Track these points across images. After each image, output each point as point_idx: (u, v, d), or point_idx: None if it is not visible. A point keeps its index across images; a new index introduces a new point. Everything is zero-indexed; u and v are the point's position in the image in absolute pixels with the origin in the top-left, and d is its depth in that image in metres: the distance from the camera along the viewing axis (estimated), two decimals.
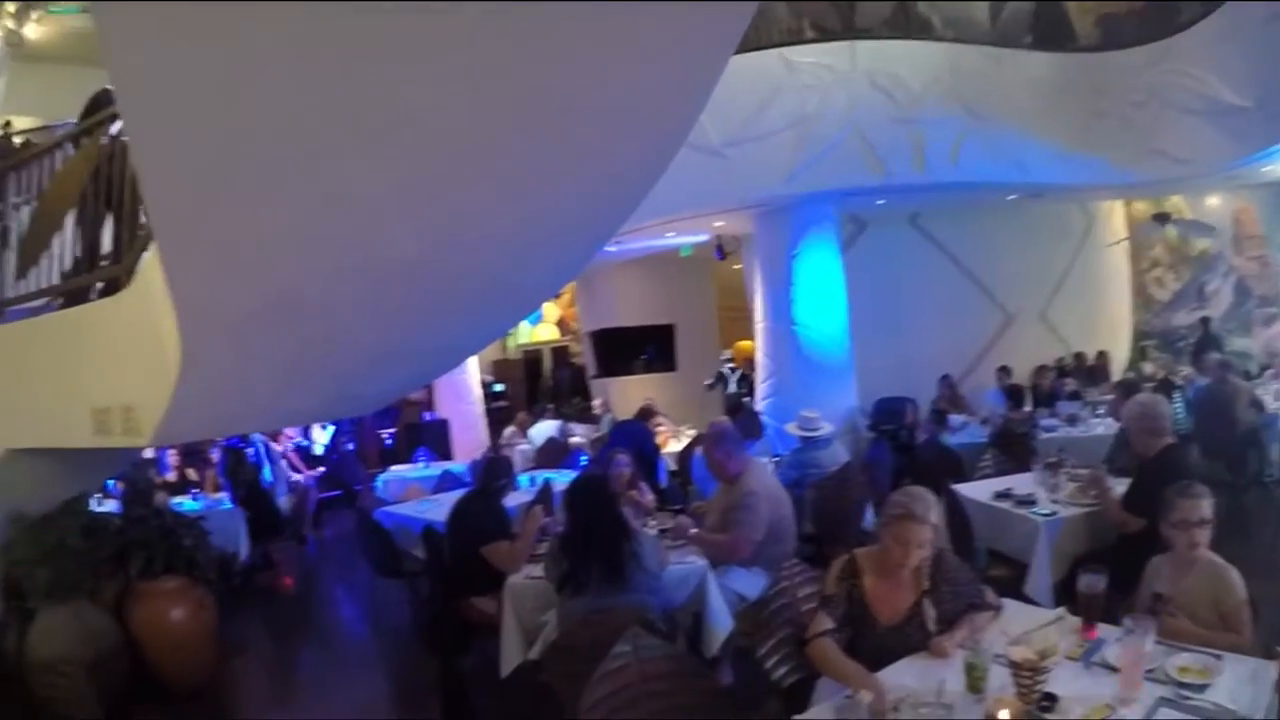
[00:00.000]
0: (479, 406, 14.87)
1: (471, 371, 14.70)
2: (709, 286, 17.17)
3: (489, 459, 6.88)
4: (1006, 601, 3.75)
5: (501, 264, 4.10)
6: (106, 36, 2.48)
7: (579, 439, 11.71)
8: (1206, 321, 13.55)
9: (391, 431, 15.22)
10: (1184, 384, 10.65)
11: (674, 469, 9.78)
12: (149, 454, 9.14)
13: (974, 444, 8.66)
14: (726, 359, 14.90)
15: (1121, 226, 14.85)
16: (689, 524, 5.52)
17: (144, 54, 2.48)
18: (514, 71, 2.74)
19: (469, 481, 8.12)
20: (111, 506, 7.32)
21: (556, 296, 17.88)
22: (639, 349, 17.10)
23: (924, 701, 2.82)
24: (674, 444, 10.61)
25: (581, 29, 2.72)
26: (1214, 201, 13.96)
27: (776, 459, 8.31)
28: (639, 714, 3.32)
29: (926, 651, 3.30)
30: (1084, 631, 3.34)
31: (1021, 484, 6.08)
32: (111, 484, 7.95)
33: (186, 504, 8.28)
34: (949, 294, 13.22)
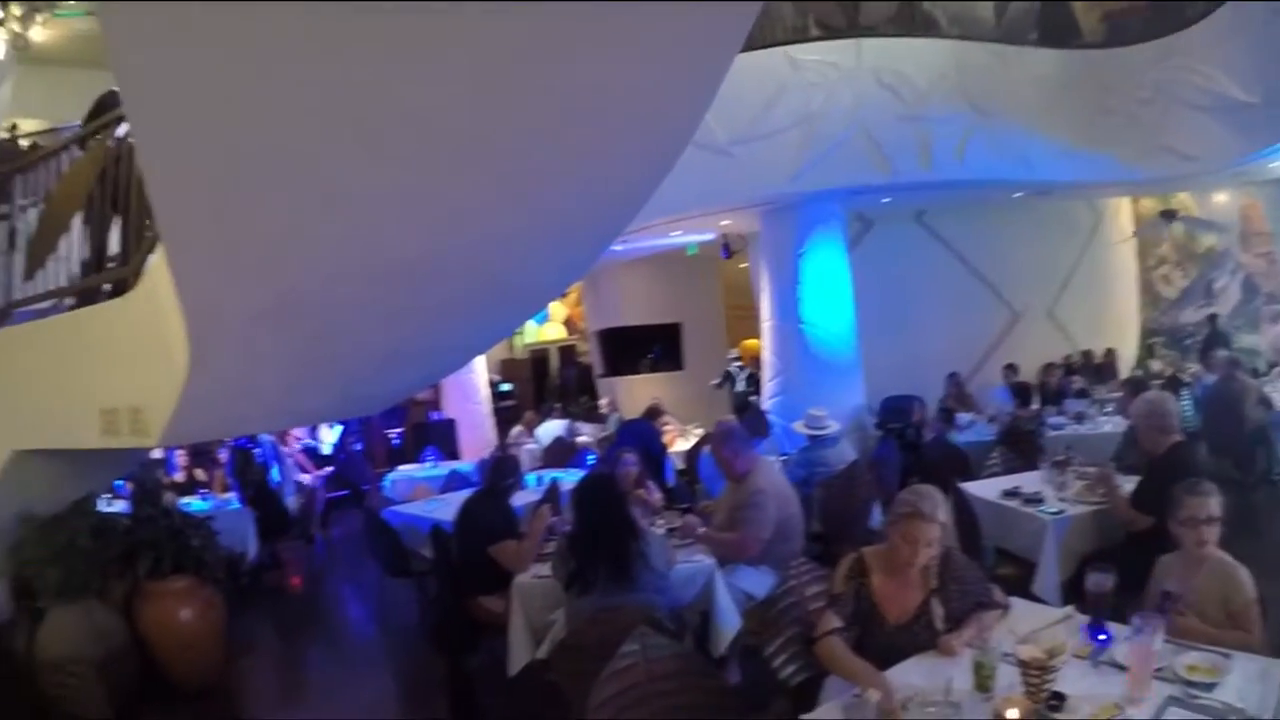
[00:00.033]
0: (486, 406, 14.86)
1: (479, 371, 14.69)
2: (715, 285, 17.15)
3: (496, 458, 6.87)
4: (1014, 600, 3.74)
5: (507, 264, 4.11)
6: (112, 39, 2.49)
7: (586, 438, 11.72)
8: (1214, 319, 13.52)
9: (399, 431, 15.21)
10: (1192, 381, 10.64)
11: (681, 468, 9.77)
12: (157, 454, 9.16)
13: (981, 442, 8.64)
14: (734, 358, 14.85)
15: (1129, 224, 14.81)
16: (697, 523, 5.51)
17: (149, 56, 2.49)
18: (517, 71, 2.74)
19: (476, 481, 8.12)
20: (120, 507, 7.35)
21: (563, 296, 17.86)
22: (646, 348, 17.09)
23: (932, 700, 2.82)
24: (681, 443, 10.62)
25: (584, 28, 2.71)
26: (1221, 198, 13.93)
27: (784, 458, 8.30)
28: (646, 713, 3.33)
29: (934, 650, 3.30)
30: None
31: (1029, 482, 6.06)
32: (120, 484, 7.97)
33: (195, 504, 8.32)
34: (956, 292, 13.21)
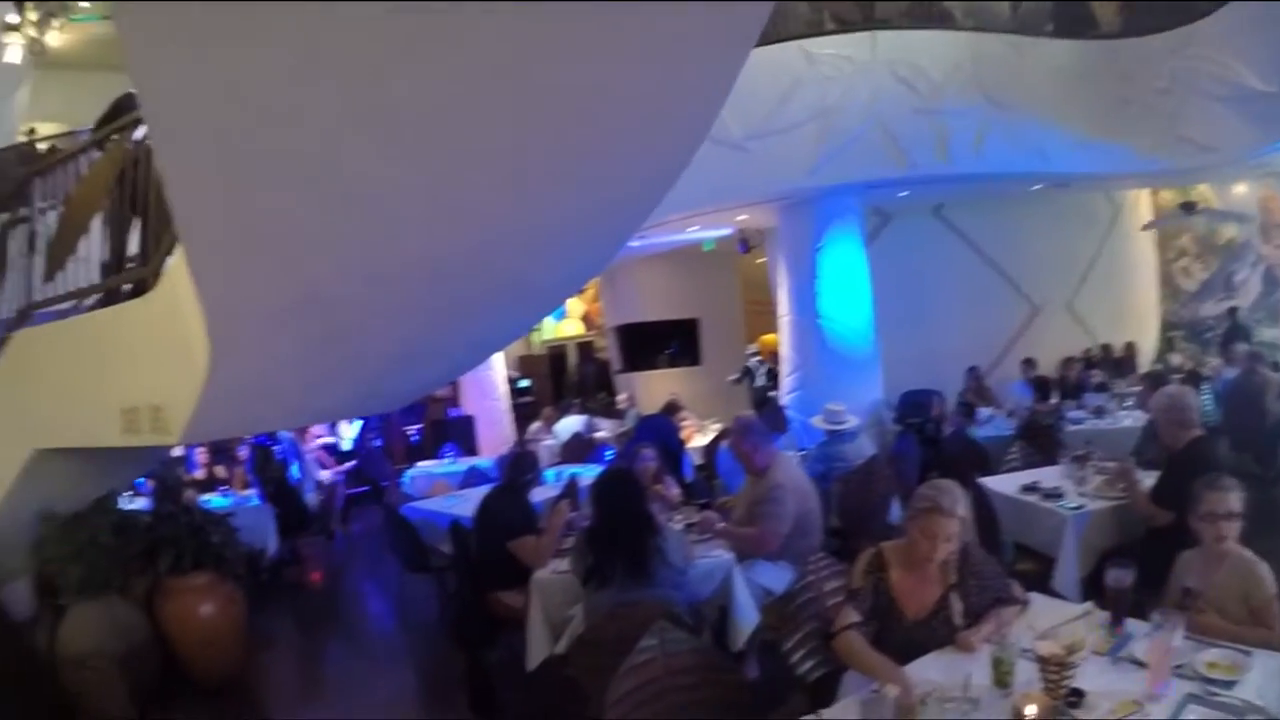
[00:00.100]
0: (504, 402, 14.86)
1: (497, 368, 14.70)
2: (733, 280, 17.11)
3: (515, 454, 6.89)
4: (1033, 596, 3.74)
5: (525, 262, 4.12)
6: (128, 41, 2.50)
7: (604, 434, 11.72)
8: (1234, 312, 13.37)
9: (418, 428, 15.23)
10: (1212, 375, 10.54)
11: (700, 463, 9.77)
12: (177, 452, 9.23)
13: (1000, 437, 8.60)
14: (753, 353, 14.81)
15: (1148, 216, 14.69)
16: (715, 518, 5.51)
17: (166, 58, 2.50)
18: (533, 71, 2.75)
19: (495, 477, 8.12)
20: (141, 504, 7.40)
21: (581, 292, 17.85)
22: (663, 344, 17.04)
23: (950, 696, 2.82)
24: (699, 438, 10.62)
25: (600, 28, 2.72)
26: (1241, 189, 13.78)
27: (802, 453, 8.29)
28: (664, 707, 3.34)
29: (953, 646, 3.29)
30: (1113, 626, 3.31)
31: (1049, 477, 6.02)
32: (141, 482, 8.02)
33: (215, 501, 8.37)
34: (974, 286, 13.15)
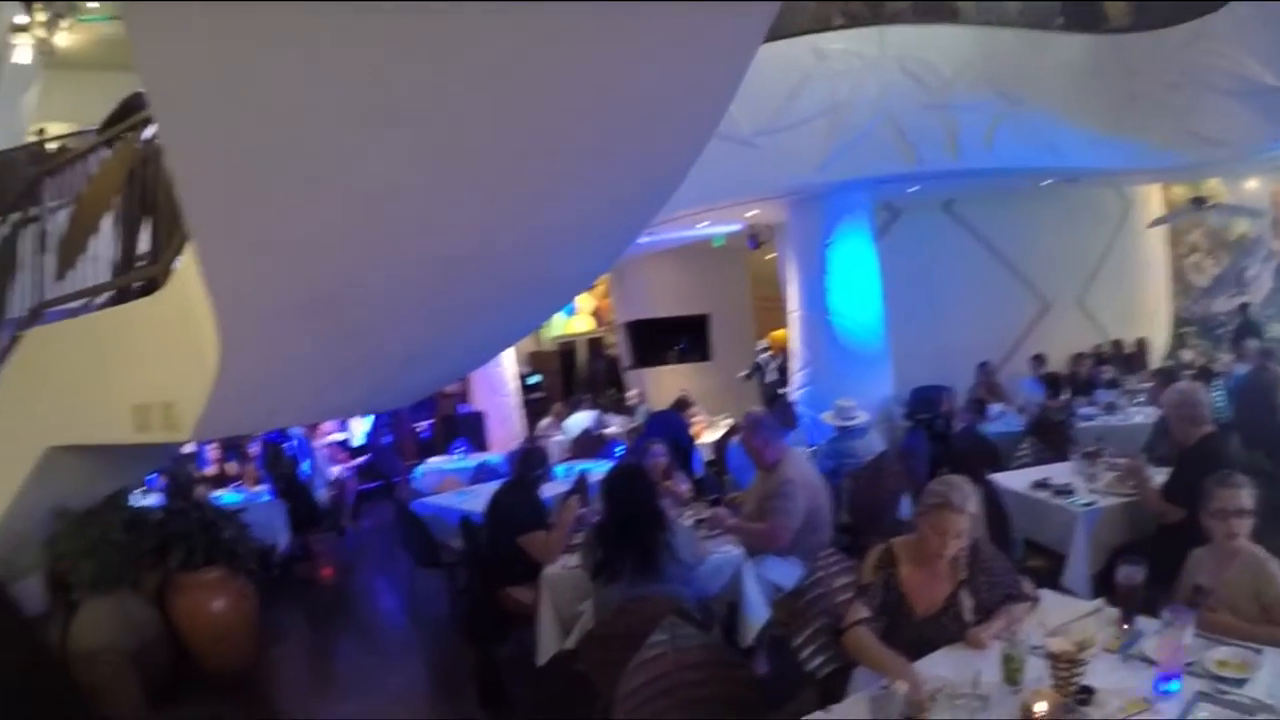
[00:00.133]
0: (515, 398, 14.86)
1: (507, 364, 14.69)
2: (743, 276, 17.06)
3: (525, 450, 6.90)
4: (1044, 593, 3.73)
5: (535, 259, 4.12)
6: (137, 41, 2.50)
7: (614, 429, 11.72)
8: (1246, 307, 13.28)
9: (428, 424, 15.23)
10: (1224, 371, 10.46)
11: (710, 459, 9.78)
12: (189, 449, 9.27)
13: (1011, 433, 8.56)
14: (763, 348, 14.80)
15: (1160, 212, 14.61)
16: (726, 514, 5.51)
17: (175, 58, 2.51)
18: (541, 69, 2.75)
19: (505, 473, 8.15)
20: (153, 500, 7.43)
21: (591, 288, 17.85)
22: (673, 339, 17.04)
23: (960, 693, 2.81)
24: (709, 434, 10.62)
25: (610, 27, 2.72)
26: (1252, 184, 13.69)
27: (812, 449, 8.28)
28: (674, 703, 3.34)
29: (963, 642, 3.29)
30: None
31: (1059, 473, 6.01)
32: (152, 479, 8.05)
33: (226, 497, 8.41)
34: (985, 281, 13.11)
